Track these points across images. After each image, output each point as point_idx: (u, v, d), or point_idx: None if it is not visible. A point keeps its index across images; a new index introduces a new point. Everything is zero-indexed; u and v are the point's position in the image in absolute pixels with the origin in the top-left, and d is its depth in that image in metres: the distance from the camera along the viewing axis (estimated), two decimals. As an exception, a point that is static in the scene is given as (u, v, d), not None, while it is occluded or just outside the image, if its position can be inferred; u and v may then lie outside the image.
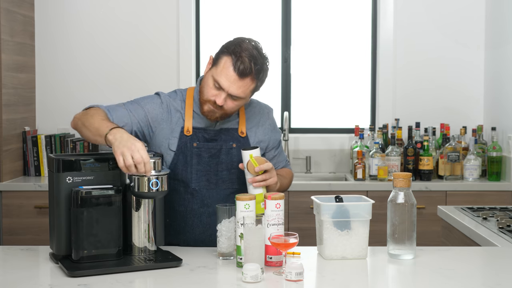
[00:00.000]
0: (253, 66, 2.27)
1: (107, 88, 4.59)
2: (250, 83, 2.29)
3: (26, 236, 3.99)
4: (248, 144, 2.45)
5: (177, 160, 2.39)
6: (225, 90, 2.28)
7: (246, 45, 2.30)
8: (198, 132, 2.40)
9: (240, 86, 2.28)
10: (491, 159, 4.21)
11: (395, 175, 2.14)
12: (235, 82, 2.27)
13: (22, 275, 1.98)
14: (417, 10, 4.62)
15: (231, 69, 2.27)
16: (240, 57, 2.27)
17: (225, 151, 2.41)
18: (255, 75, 2.28)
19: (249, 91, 2.32)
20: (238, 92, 2.28)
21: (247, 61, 2.26)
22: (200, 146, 2.40)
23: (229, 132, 2.43)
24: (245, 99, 2.34)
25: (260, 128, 2.50)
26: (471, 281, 1.95)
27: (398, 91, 4.64)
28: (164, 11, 4.60)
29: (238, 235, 2.06)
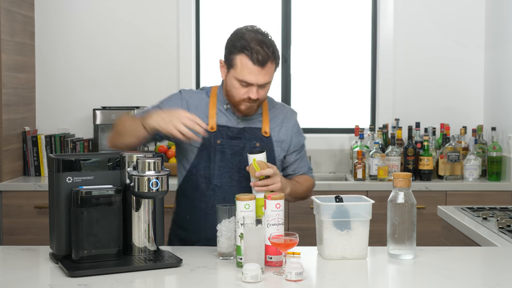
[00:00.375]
0: (267, 50, 2.32)
1: (107, 88, 4.59)
2: (271, 65, 2.35)
3: (26, 236, 3.99)
4: (271, 144, 2.48)
5: (201, 156, 2.44)
6: (254, 84, 2.34)
7: (248, 35, 2.34)
8: (222, 129, 2.45)
9: (265, 74, 2.33)
10: (491, 159, 4.21)
11: (395, 175, 2.14)
12: (260, 73, 2.32)
13: (22, 275, 1.98)
14: (417, 10, 4.62)
15: (251, 64, 2.31)
16: (252, 49, 2.30)
17: (249, 150, 2.43)
18: (273, 58, 2.34)
19: (273, 72, 2.38)
20: (265, 79, 2.34)
21: (260, 49, 2.31)
22: (224, 143, 2.43)
23: (252, 131, 2.47)
24: (271, 81, 2.40)
25: (283, 128, 2.53)
26: (471, 281, 1.95)
27: (398, 91, 4.64)
28: (164, 10, 4.60)
29: (238, 235, 2.06)
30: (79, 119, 4.59)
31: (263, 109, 2.51)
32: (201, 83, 4.73)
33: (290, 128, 2.55)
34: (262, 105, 2.52)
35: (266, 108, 2.52)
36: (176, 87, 4.60)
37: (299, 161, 2.58)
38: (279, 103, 2.61)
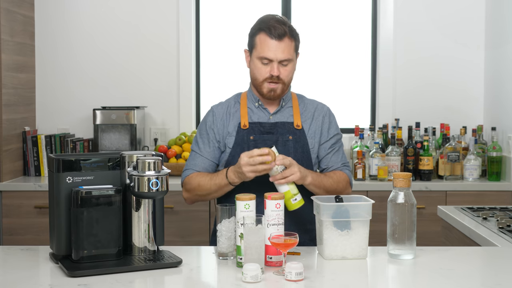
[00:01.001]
0: (284, 26, 2.43)
1: (107, 88, 4.60)
2: (290, 42, 2.44)
3: (26, 236, 4.00)
4: (304, 137, 2.52)
5: (235, 153, 2.49)
6: (274, 60, 2.43)
7: (266, 17, 2.49)
8: (254, 126, 2.52)
9: (283, 48, 2.42)
10: (491, 159, 4.21)
11: (395, 175, 2.14)
12: (278, 47, 2.42)
13: (22, 275, 1.98)
14: (417, 9, 4.62)
15: (269, 39, 2.42)
16: (270, 26, 2.43)
17: (282, 143, 2.48)
18: (290, 33, 2.44)
19: (293, 50, 2.46)
20: (285, 55, 2.43)
21: (278, 25, 2.43)
22: (257, 138, 2.49)
23: (284, 125, 2.51)
24: (293, 61, 2.48)
25: (314, 120, 2.57)
26: (471, 281, 1.95)
27: (398, 91, 4.64)
28: (164, 10, 4.60)
29: (238, 235, 2.06)
30: (79, 119, 4.59)
31: (293, 104, 2.57)
32: (201, 83, 4.73)
33: (320, 119, 2.58)
34: (292, 100, 2.59)
35: (297, 103, 2.58)
36: (176, 87, 4.60)
37: (331, 155, 2.57)
38: (309, 99, 2.66)
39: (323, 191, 2.45)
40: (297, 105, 2.58)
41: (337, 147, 2.60)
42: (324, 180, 2.46)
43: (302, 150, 2.51)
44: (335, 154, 2.58)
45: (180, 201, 3.98)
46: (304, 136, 2.53)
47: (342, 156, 2.61)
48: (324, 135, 2.57)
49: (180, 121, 4.58)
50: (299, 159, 2.47)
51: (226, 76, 4.71)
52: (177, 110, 4.60)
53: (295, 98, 2.62)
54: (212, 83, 4.74)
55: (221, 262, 2.12)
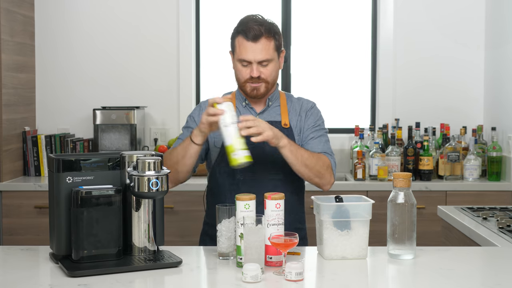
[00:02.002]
0: (261, 28, 2.43)
1: (107, 88, 4.60)
2: (267, 42, 2.43)
3: (26, 236, 4.00)
4: (292, 135, 2.51)
5: (223, 153, 2.44)
6: (253, 61, 2.43)
7: (246, 18, 2.49)
8: None
9: (260, 49, 2.42)
10: (491, 159, 4.21)
11: (395, 175, 2.14)
12: (255, 48, 2.42)
13: (22, 275, 1.98)
14: (417, 9, 4.62)
15: (245, 41, 2.43)
16: (246, 28, 2.44)
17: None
18: (267, 33, 2.43)
19: (272, 50, 2.44)
20: (263, 55, 2.42)
21: (255, 27, 2.43)
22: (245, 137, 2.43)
23: (272, 124, 2.46)
24: (274, 60, 2.46)
25: (299, 117, 2.57)
26: (471, 281, 1.95)
27: (398, 91, 4.64)
28: (164, 10, 4.61)
29: (238, 235, 2.06)
30: (79, 119, 4.59)
31: (281, 103, 2.57)
32: (201, 83, 4.73)
33: (304, 114, 2.57)
34: (280, 99, 2.58)
35: (284, 102, 2.58)
36: (176, 87, 4.60)
37: (311, 141, 2.53)
38: (297, 97, 2.65)
39: (300, 162, 2.38)
40: (285, 104, 2.58)
41: (317, 135, 2.55)
42: (302, 151, 2.40)
43: None
44: (315, 141, 2.53)
45: (180, 201, 3.98)
46: (292, 135, 2.51)
47: (324, 144, 2.55)
48: (306, 125, 2.56)
49: (180, 121, 4.58)
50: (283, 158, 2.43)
51: (226, 76, 4.71)
52: (177, 110, 4.60)
53: (283, 97, 2.61)
54: (212, 83, 4.74)
55: (221, 262, 2.11)
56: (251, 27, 2.43)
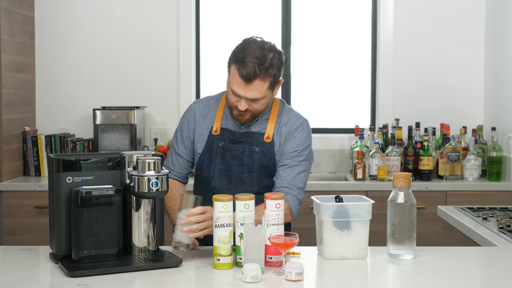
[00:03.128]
0: (257, 68, 2.28)
1: (107, 88, 4.59)
2: (261, 83, 2.31)
3: (26, 236, 3.99)
4: (272, 150, 2.43)
5: (203, 157, 2.48)
6: (242, 96, 2.33)
7: (250, 47, 2.33)
8: (225, 132, 2.47)
9: (252, 89, 2.31)
10: (491, 159, 4.21)
11: (395, 175, 2.14)
12: (246, 87, 2.31)
13: (22, 275, 1.98)
14: (417, 9, 4.62)
15: (238, 77, 2.31)
16: (243, 63, 2.29)
17: (248, 154, 2.44)
18: (264, 74, 2.30)
19: (265, 89, 2.33)
20: (254, 95, 2.32)
21: (251, 65, 2.28)
22: (225, 146, 2.46)
23: (254, 135, 2.45)
24: (267, 97, 2.37)
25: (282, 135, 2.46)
26: (471, 281, 1.96)
27: (398, 91, 4.64)
28: (164, 11, 4.60)
29: (238, 235, 2.06)
30: (79, 119, 4.59)
31: (271, 115, 2.47)
32: (201, 84, 4.73)
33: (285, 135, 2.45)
34: (271, 111, 2.48)
35: (275, 115, 2.47)
36: (176, 87, 4.60)
37: (281, 170, 2.42)
38: (292, 112, 2.52)
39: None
40: (275, 117, 2.47)
41: (292, 164, 2.42)
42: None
43: (268, 163, 2.43)
44: (286, 170, 2.42)
45: (180, 201, 3.98)
46: (272, 150, 2.43)
47: (295, 177, 2.41)
48: (283, 151, 2.45)
49: (180, 121, 4.57)
50: (262, 171, 2.43)
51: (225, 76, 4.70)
52: (177, 110, 4.60)
53: (276, 108, 2.49)
54: (212, 83, 4.74)
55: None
56: (247, 63, 2.28)
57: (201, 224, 2.14)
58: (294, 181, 2.42)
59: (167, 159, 2.59)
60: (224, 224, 2.04)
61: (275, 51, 2.36)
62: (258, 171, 2.43)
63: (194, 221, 2.13)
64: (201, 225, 2.14)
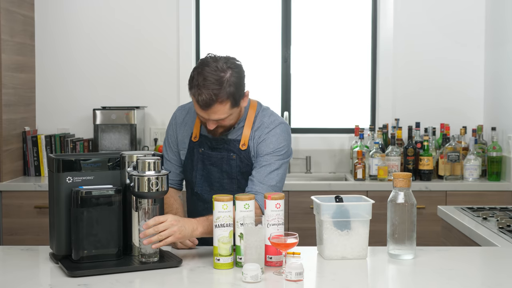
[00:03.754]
0: (212, 95, 2.21)
1: (107, 88, 4.59)
2: (221, 106, 2.25)
3: (26, 236, 3.99)
4: (249, 157, 2.40)
5: (186, 163, 2.50)
6: (207, 119, 2.29)
7: (204, 71, 2.23)
8: (205, 139, 2.46)
9: (214, 112, 2.26)
10: (491, 159, 4.21)
11: (395, 175, 2.14)
12: (208, 112, 2.26)
13: (22, 275, 1.98)
14: (417, 10, 4.62)
15: (197, 104, 2.26)
16: (198, 90, 2.22)
17: (226, 161, 2.44)
18: (221, 98, 2.23)
19: (228, 109, 2.27)
20: (217, 116, 2.27)
21: (206, 92, 2.21)
22: (204, 153, 2.46)
23: (231, 143, 2.43)
24: (235, 112, 2.31)
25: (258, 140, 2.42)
26: (471, 281, 1.96)
27: (398, 91, 4.64)
28: (164, 11, 4.60)
29: (237, 235, 2.06)
30: (79, 119, 4.59)
31: (247, 122, 2.42)
32: (201, 83, 4.73)
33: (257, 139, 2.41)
34: (247, 117, 2.43)
35: (252, 118, 2.42)
36: (176, 89, 4.60)
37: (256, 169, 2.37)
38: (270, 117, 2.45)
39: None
40: (250, 122, 2.42)
41: (265, 163, 2.37)
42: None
43: (246, 169, 2.42)
44: (257, 171, 2.37)
45: (180, 201, 3.98)
46: (249, 157, 2.41)
47: (267, 176, 2.36)
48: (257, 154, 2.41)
49: (180, 121, 4.57)
50: (242, 177, 2.43)
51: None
52: (177, 110, 4.59)
53: (253, 112, 2.44)
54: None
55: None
56: (202, 91, 2.21)
57: (161, 234, 2.06)
58: (265, 180, 2.35)
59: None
60: (224, 224, 2.04)
61: (231, 67, 2.26)
62: (237, 178, 2.44)
63: (152, 232, 2.06)
64: (162, 235, 2.06)
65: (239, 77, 2.28)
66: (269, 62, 4.75)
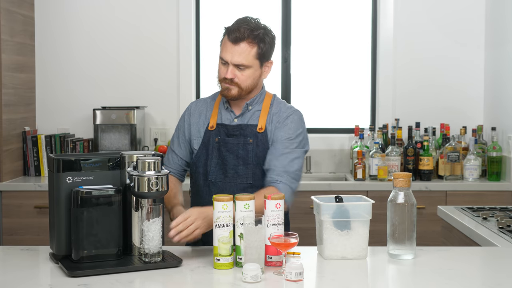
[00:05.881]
0: (245, 31, 2.37)
1: (107, 88, 4.59)
2: (248, 47, 2.37)
3: (26, 236, 3.99)
4: (266, 140, 2.45)
5: (200, 153, 2.50)
6: (229, 62, 2.38)
7: (244, 19, 2.43)
8: (221, 127, 2.50)
9: (239, 52, 2.37)
10: (491, 159, 4.21)
11: (395, 175, 2.14)
12: (233, 50, 2.37)
13: (22, 275, 1.98)
14: (417, 10, 4.62)
15: (227, 40, 2.39)
16: (233, 28, 2.39)
17: (242, 146, 2.46)
18: (252, 39, 2.37)
19: (252, 56, 2.38)
20: (240, 59, 2.37)
21: (241, 29, 2.37)
22: (220, 140, 2.48)
23: (248, 127, 2.47)
24: (253, 67, 2.40)
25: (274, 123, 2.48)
26: (471, 281, 1.96)
27: (398, 91, 4.64)
28: (164, 10, 4.60)
29: (238, 235, 2.06)
30: (79, 119, 4.59)
31: (263, 107, 2.51)
32: (201, 84, 4.73)
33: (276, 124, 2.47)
34: (264, 103, 2.51)
35: (268, 105, 2.51)
36: (176, 87, 4.60)
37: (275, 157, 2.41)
38: (286, 105, 2.54)
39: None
40: (267, 108, 2.50)
41: (286, 151, 2.42)
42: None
43: (263, 153, 2.44)
44: (278, 158, 2.40)
45: (180, 201, 3.97)
46: (266, 140, 2.45)
47: (289, 163, 2.40)
48: (275, 140, 2.45)
49: (180, 121, 4.57)
50: (257, 163, 2.44)
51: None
52: (177, 110, 4.60)
53: (268, 100, 2.52)
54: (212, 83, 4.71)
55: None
56: (238, 28, 2.38)
57: (189, 229, 2.13)
58: (287, 167, 2.39)
59: (165, 157, 2.61)
60: (224, 224, 2.04)
61: (269, 31, 2.44)
62: (253, 163, 2.44)
63: (182, 228, 2.12)
64: (190, 229, 2.13)
65: (271, 40, 2.44)
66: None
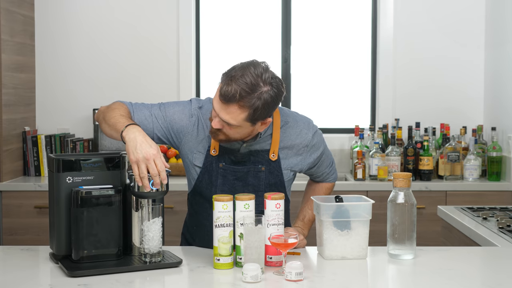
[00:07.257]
0: (239, 93, 2.05)
1: (107, 88, 4.59)
2: (238, 110, 2.07)
3: (26, 236, 3.99)
4: (279, 167, 2.31)
5: (203, 178, 2.31)
6: (217, 115, 2.12)
7: (248, 69, 2.09)
8: (225, 153, 2.28)
9: (227, 112, 2.08)
10: (491, 159, 4.21)
11: (395, 175, 2.14)
12: (222, 107, 2.08)
13: (22, 275, 1.98)
14: (417, 10, 4.62)
15: (219, 93, 2.09)
16: (230, 82, 2.07)
17: (253, 174, 2.29)
18: (244, 103, 2.06)
19: (241, 119, 2.09)
20: (227, 118, 2.09)
21: (235, 87, 2.05)
22: (226, 168, 2.29)
23: (259, 154, 2.29)
24: (245, 128, 2.14)
25: (294, 150, 2.33)
26: (471, 281, 1.95)
27: (398, 91, 4.64)
28: (164, 11, 4.60)
29: (237, 235, 2.06)
30: (79, 119, 4.59)
31: (274, 129, 2.29)
32: (201, 85, 4.73)
33: (301, 149, 2.33)
34: (273, 125, 2.29)
35: (278, 127, 2.29)
36: (176, 88, 4.60)
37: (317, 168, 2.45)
38: (293, 118, 2.34)
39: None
40: (278, 130, 2.28)
41: (320, 162, 2.43)
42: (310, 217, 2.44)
43: (275, 181, 2.31)
44: (320, 167, 2.46)
45: (180, 201, 3.98)
46: (279, 167, 2.30)
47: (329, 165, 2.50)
48: (306, 166, 2.38)
49: (180, 121, 4.57)
50: (268, 191, 2.30)
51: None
52: (177, 110, 4.59)
53: (278, 122, 2.30)
54: (212, 84, 4.73)
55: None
56: (233, 84, 2.05)
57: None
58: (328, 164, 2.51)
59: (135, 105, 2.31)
60: (224, 224, 2.04)
61: (273, 86, 2.11)
62: (265, 190, 2.30)
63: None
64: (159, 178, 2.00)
65: (273, 99, 2.11)
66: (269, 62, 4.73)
